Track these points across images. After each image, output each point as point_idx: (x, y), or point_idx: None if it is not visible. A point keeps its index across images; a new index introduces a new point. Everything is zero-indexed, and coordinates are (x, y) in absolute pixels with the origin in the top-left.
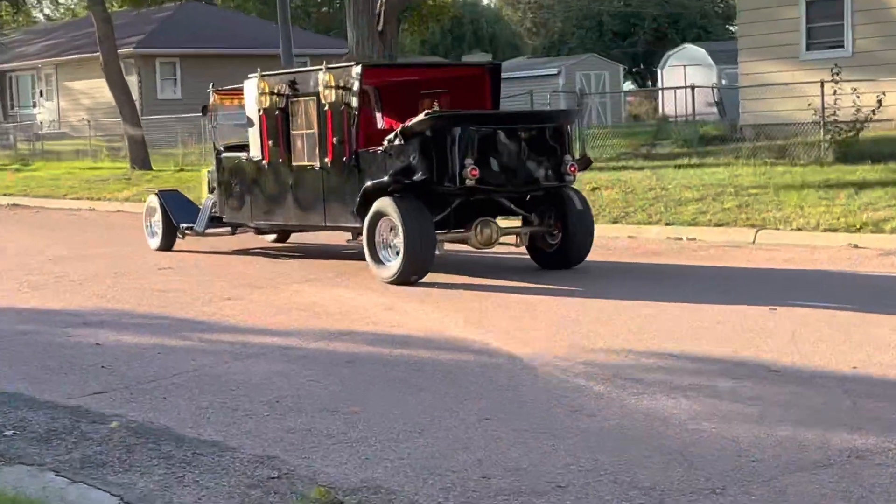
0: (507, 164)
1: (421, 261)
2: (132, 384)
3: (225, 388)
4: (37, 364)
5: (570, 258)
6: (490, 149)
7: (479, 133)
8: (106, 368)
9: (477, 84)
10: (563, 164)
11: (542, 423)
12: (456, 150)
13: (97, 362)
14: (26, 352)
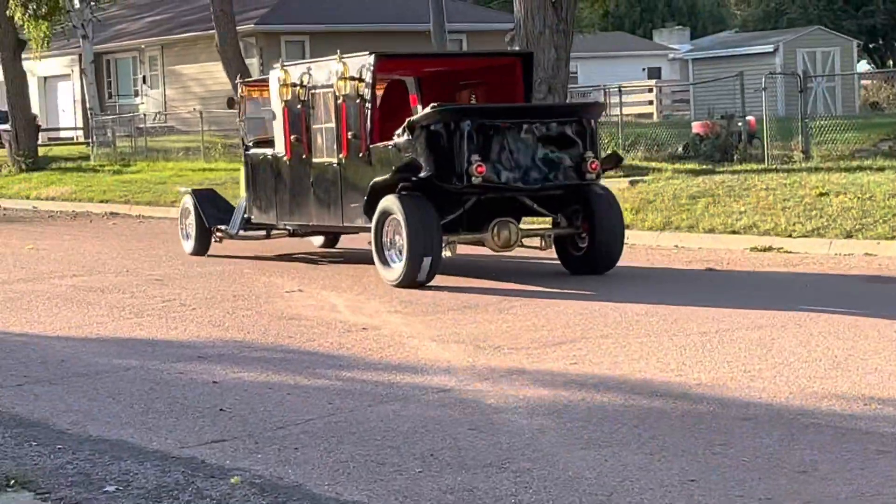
0: (520, 160)
1: (428, 263)
2: (256, 431)
3: (368, 438)
4: (143, 406)
5: (597, 263)
6: (500, 145)
7: (489, 128)
8: (225, 412)
9: (509, 74)
10: (584, 161)
11: (766, 488)
12: (463, 145)
13: (214, 404)
14: (131, 391)
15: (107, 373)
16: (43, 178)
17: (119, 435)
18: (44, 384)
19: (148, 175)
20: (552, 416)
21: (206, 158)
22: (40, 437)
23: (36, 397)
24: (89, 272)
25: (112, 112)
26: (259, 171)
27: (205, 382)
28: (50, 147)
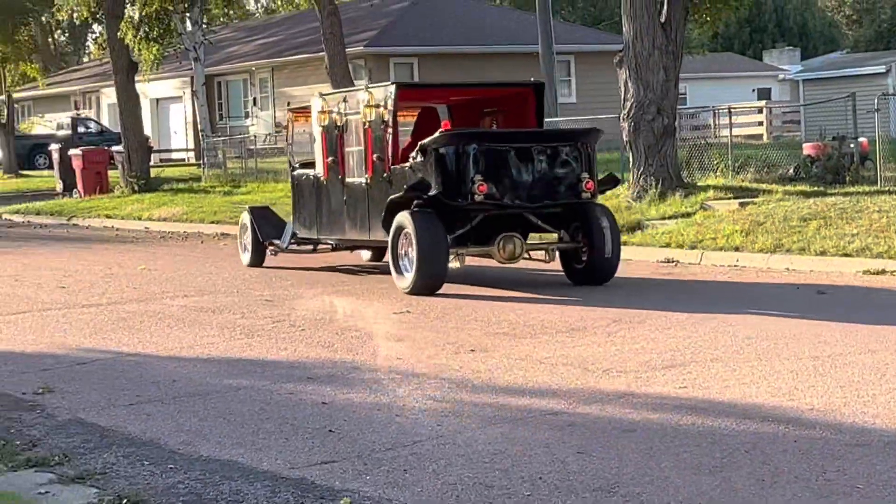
0: (521, 180)
1: (433, 273)
2: (365, 453)
3: (476, 460)
4: (253, 426)
5: (596, 275)
6: (502, 166)
7: (491, 151)
8: (334, 433)
9: (523, 101)
10: (580, 182)
11: None
12: (467, 166)
13: (324, 425)
14: (241, 411)
15: (217, 393)
16: (155, 200)
17: (230, 455)
18: (156, 403)
19: (258, 196)
20: (662, 440)
21: None
22: (152, 457)
23: (148, 416)
24: (200, 293)
25: (223, 133)
26: (303, 190)
27: (314, 403)
28: (162, 168)
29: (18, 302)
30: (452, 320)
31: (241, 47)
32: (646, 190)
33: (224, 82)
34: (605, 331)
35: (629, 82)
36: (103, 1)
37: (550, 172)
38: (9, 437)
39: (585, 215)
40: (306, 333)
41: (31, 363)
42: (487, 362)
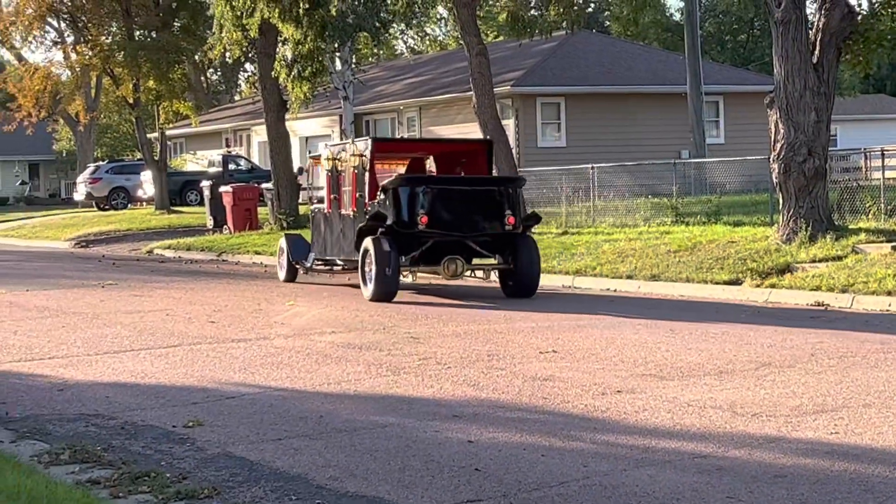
0: (457, 215)
1: (386, 285)
2: (511, 492)
3: (624, 502)
4: (399, 463)
5: (522, 290)
6: (443, 203)
7: (434, 191)
8: (480, 471)
9: (476, 154)
10: (504, 217)
11: None
12: (415, 202)
13: (469, 464)
14: (387, 448)
15: (364, 429)
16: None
17: (376, 491)
18: (303, 439)
19: None
20: (813, 486)
21: None
22: (299, 492)
23: (296, 451)
24: (347, 329)
25: None
26: (317, 221)
27: (460, 441)
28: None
29: (169, 336)
30: (598, 361)
31: (389, 86)
32: (795, 232)
33: (372, 121)
34: (753, 374)
35: (780, 123)
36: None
37: (482, 210)
38: (159, 469)
39: (515, 244)
40: (452, 371)
41: (182, 396)
42: (634, 404)
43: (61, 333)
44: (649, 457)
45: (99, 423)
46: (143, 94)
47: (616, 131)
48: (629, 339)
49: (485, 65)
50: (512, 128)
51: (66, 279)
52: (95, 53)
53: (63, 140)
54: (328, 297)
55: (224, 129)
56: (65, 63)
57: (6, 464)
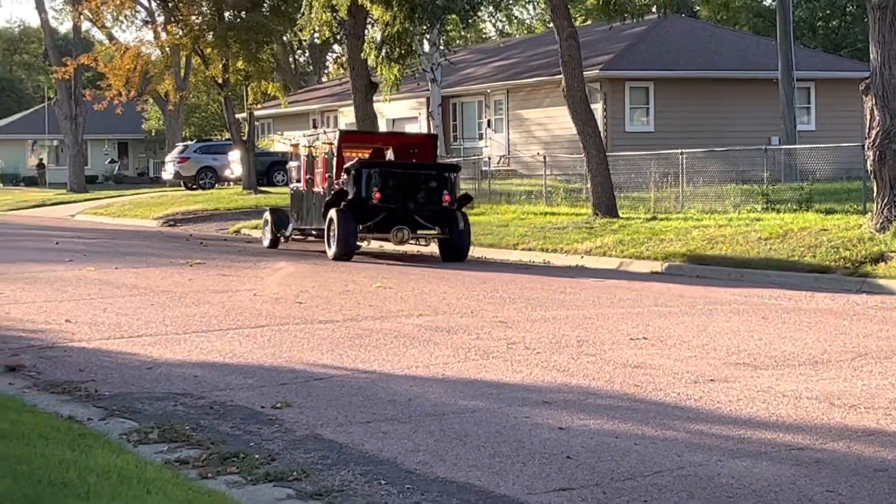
0: (404, 193)
1: (346, 246)
2: (604, 481)
3: (718, 494)
4: (489, 449)
5: (453, 256)
6: (392, 183)
7: (385, 173)
8: (571, 459)
9: (425, 146)
10: (441, 196)
11: None
12: (370, 182)
13: (560, 451)
14: (477, 433)
15: (454, 413)
16: None
17: (466, 477)
18: (392, 422)
19: (490, 217)
20: None
21: (549, 202)
22: (389, 476)
23: (384, 435)
24: (435, 312)
25: (457, 154)
26: (296, 197)
27: (551, 428)
28: None
29: (257, 316)
30: (690, 348)
31: (476, 69)
32: (890, 221)
33: (459, 103)
34: (850, 364)
35: (875, 110)
36: (345, 22)
37: (425, 190)
38: (248, 450)
39: (451, 218)
40: (542, 357)
41: (270, 377)
42: (728, 393)
43: (150, 312)
44: (744, 448)
45: (187, 403)
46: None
47: (705, 117)
48: (721, 326)
49: (574, 48)
50: (600, 112)
51: (154, 258)
52: (185, 33)
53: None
54: (415, 278)
55: (311, 110)
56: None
57: (96, 442)
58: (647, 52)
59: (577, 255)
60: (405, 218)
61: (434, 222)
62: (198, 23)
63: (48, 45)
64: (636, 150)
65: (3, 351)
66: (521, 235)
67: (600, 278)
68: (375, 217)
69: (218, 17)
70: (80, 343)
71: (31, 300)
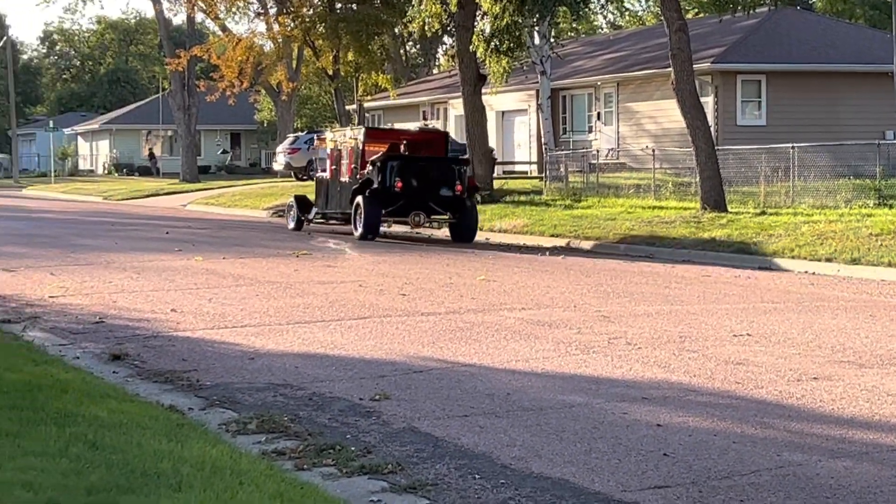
0: (422, 183)
1: (371, 228)
2: (700, 479)
3: (817, 495)
4: (585, 445)
5: (463, 238)
6: (412, 174)
7: (406, 165)
8: (669, 456)
9: (438, 141)
10: (454, 186)
11: None
12: (393, 173)
13: (658, 448)
14: (574, 429)
15: (551, 409)
16: (497, 211)
17: (561, 473)
18: (489, 416)
19: (598, 211)
20: None
21: (657, 196)
22: (484, 471)
23: (481, 429)
24: (537, 306)
25: (566, 147)
26: (321, 185)
27: (649, 425)
28: (505, 180)
29: (360, 307)
30: (794, 345)
31: (586, 62)
32: None
33: (569, 96)
34: None
35: None
36: (454, 14)
37: (439, 180)
38: (344, 442)
39: (461, 205)
40: (643, 352)
41: (370, 369)
42: (831, 391)
43: (254, 302)
44: (846, 448)
45: (287, 394)
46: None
47: (818, 111)
48: (827, 323)
49: (684, 41)
50: (711, 105)
51: (261, 248)
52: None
53: (264, 110)
54: (519, 271)
55: (421, 101)
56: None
57: (193, 432)
58: (759, 44)
59: (685, 249)
60: (421, 204)
61: (446, 208)
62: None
63: (163, 36)
64: (747, 144)
65: (108, 339)
66: (627, 229)
67: (706, 273)
68: (396, 203)
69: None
70: (184, 332)
71: (138, 289)
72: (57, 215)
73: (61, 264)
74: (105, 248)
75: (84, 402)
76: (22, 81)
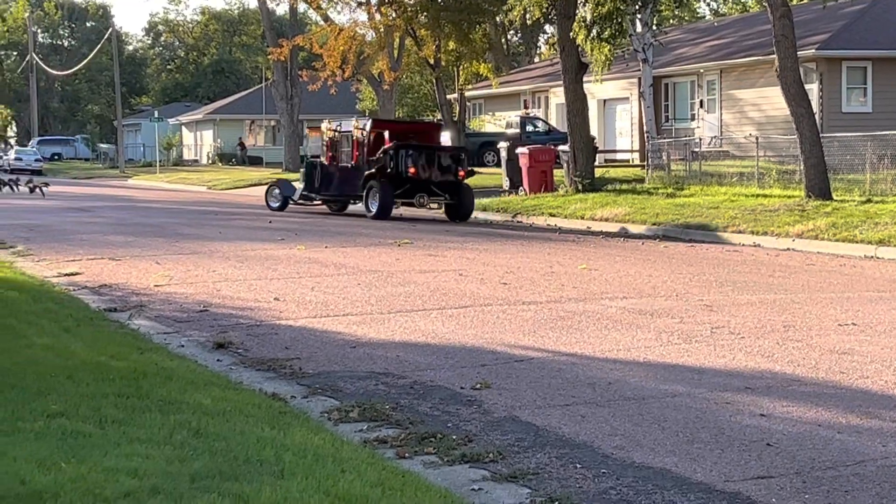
0: (429, 168)
1: (385, 208)
2: (804, 470)
3: None
4: (688, 435)
5: (459, 216)
6: (421, 161)
7: (415, 153)
8: (772, 447)
9: (432, 132)
10: (457, 171)
11: None
12: (407, 159)
13: (761, 438)
14: (676, 418)
15: (653, 398)
16: (598, 199)
17: (663, 463)
18: (590, 406)
19: (700, 199)
20: None
21: (760, 184)
22: (585, 460)
23: (582, 418)
24: (639, 295)
25: (668, 135)
26: (314, 169)
27: (752, 414)
28: (606, 169)
29: (461, 296)
30: None
31: (689, 49)
32: None
33: (671, 84)
34: None
35: None
36: (556, 1)
37: (443, 166)
38: (446, 431)
39: (459, 188)
40: (746, 342)
41: (471, 358)
42: None
43: (356, 291)
44: None
45: (388, 382)
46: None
47: None
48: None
49: (788, 27)
50: (815, 92)
51: (363, 237)
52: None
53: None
54: (621, 260)
55: (522, 90)
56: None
57: (295, 420)
58: (865, 30)
59: (788, 237)
60: (425, 188)
61: (445, 191)
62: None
63: (265, 26)
64: (852, 131)
65: (212, 328)
66: (730, 217)
67: (810, 262)
68: (403, 187)
69: None
70: (286, 321)
71: (241, 278)
72: (162, 205)
73: (166, 253)
74: (209, 237)
75: (188, 389)
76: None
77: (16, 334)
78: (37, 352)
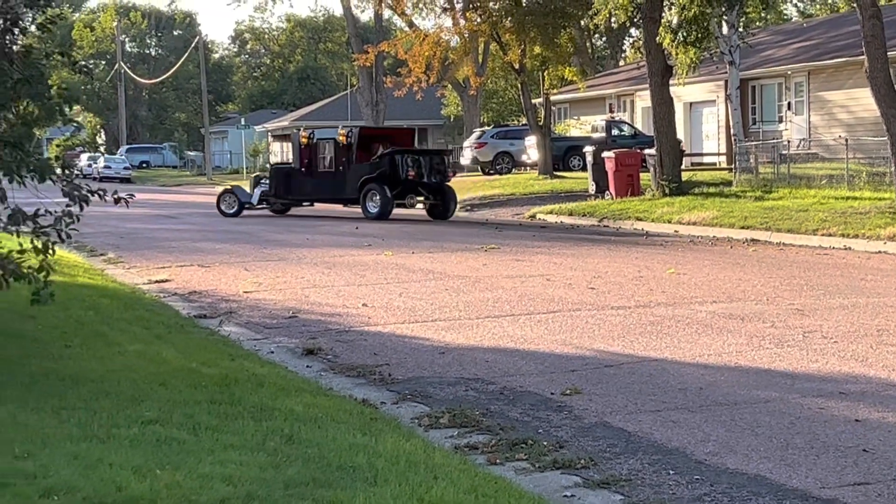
0: (422, 171)
1: (386, 209)
2: None
3: None
4: (782, 441)
5: (442, 215)
6: (416, 164)
7: (410, 157)
8: (868, 453)
9: (405, 136)
10: (445, 174)
11: None
12: (403, 163)
13: (857, 444)
14: (769, 424)
15: (745, 403)
16: (685, 203)
17: (757, 469)
18: (682, 411)
19: (789, 202)
20: None
21: (850, 186)
22: (678, 466)
23: (674, 424)
24: (729, 299)
25: (755, 138)
26: (281, 175)
27: (846, 420)
28: (693, 172)
29: (549, 302)
30: None
31: (776, 51)
32: None
33: (758, 86)
34: None
35: None
36: (641, 5)
37: (432, 169)
38: (536, 437)
39: (443, 189)
40: (839, 346)
41: (560, 363)
42: None
43: (444, 296)
44: None
45: (478, 388)
46: (530, 59)
47: None
48: None
49: (878, 28)
50: None
51: (450, 242)
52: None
53: (451, 105)
54: (709, 264)
55: (607, 94)
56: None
57: (386, 426)
58: None
59: (880, 240)
60: (415, 189)
61: (430, 192)
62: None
63: (350, 33)
64: None
65: (301, 334)
66: (820, 220)
67: None
68: (396, 188)
69: (516, 2)
70: (375, 327)
71: (329, 284)
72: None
73: (254, 260)
74: (296, 243)
75: (279, 396)
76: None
77: (108, 342)
78: (129, 359)
